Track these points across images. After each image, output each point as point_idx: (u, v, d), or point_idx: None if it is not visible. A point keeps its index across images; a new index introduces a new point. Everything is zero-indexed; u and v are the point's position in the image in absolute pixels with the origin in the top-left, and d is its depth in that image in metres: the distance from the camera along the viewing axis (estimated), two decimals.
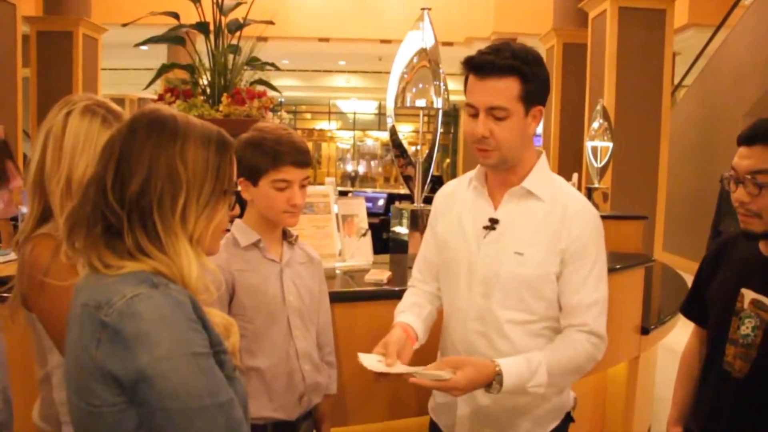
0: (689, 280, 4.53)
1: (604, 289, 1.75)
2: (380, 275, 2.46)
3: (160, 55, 10.47)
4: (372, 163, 22.29)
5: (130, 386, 1.03)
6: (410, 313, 1.86)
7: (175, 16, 4.07)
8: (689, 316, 1.99)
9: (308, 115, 22.83)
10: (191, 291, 1.13)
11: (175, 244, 1.12)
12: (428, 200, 2.99)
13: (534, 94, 1.68)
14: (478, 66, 1.67)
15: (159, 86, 4.59)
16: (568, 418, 1.89)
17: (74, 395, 1.10)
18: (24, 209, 1.70)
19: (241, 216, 1.90)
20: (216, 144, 1.17)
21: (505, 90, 1.65)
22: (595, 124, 5.14)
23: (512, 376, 1.59)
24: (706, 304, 1.86)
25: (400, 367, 1.63)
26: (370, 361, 1.64)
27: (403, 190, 8.61)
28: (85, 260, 1.14)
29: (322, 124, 22.46)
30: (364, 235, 2.69)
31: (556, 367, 1.66)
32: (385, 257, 2.91)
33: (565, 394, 1.85)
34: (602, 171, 5.16)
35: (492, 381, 1.59)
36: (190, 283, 1.13)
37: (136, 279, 1.08)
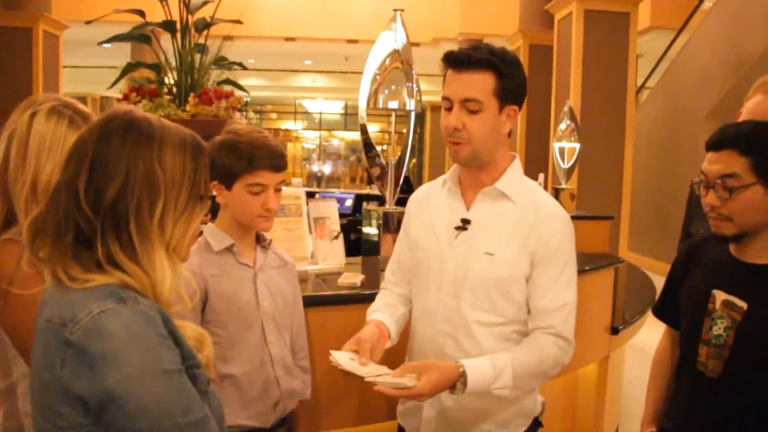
0: (655, 279, 4.62)
1: (573, 293, 1.76)
2: (354, 278, 2.44)
3: (123, 53, 10.31)
4: (338, 163, 22.25)
5: (98, 407, 0.98)
6: (383, 313, 1.86)
7: (141, 14, 4.00)
8: (661, 317, 2.01)
9: (274, 115, 22.71)
10: (162, 304, 1.09)
11: (150, 254, 1.07)
12: (399, 201, 2.98)
13: (509, 92, 1.70)
14: (455, 60, 1.70)
15: (123, 85, 4.50)
16: (537, 423, 1.89)
17: (39, 415, 1.05)
18: None
19: (213, 219, 1.87)
20: (192, 148, 1.14)
21: (480, 83, 1.68)
22: (562, 125, 5.17)
23: (476, 377, 1.60)
24: (678, 306, 1.88)
25: (371, 367, 1.62)
26: (342, 358, 1.63)
27: (371, 191, 8.60)
28: (49, 271, 1.08)
29: (287, 124, 22.35)
30: (336, 237, 2.67)
31: (522, 369, 1.66)
32: (357, 259, 2.89)
33: (532, 398, 1.85)
34: (569, 172, 5.19)
35: (456, 382, 1.59)
36: (161, 296, 1.08)
37: (102, 293, 1.03)
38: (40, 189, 1.47)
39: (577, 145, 5.11)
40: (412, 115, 2.83)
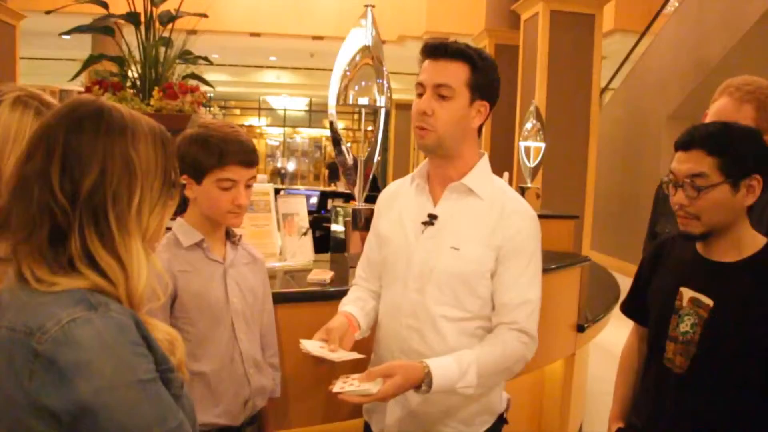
0: (617, 278, 4.69)
1: (537, 290, 1.78)
2: (323, 275, 2.42)
3: (83, 45, 10.09)
4: (302, 160, 22.13)
5: (70, 421, 0.93)
6: (353, 306, 1.87)
7: (104, 5, 3.91)
8: (629, 314, 2.03)
9: (237, 111, 22.49)
10: (137, 299, 1.04)
11: (128, 244, 1.03)
12: (366, 199, 2.97)
13: (481, 86, 1.73)
14: (433, 48, 1.74)
15: (84, 78, 4.40)
16: (501, 420, 1.90)
17: (4, 428, 0.99)
18: None
19: (182, 214, 1.84)
20: (161, 137, 1.11)
21: (454, 71, 1.71)
22: (528, 125, 5.22)
23: (441, 377, 1.61)
24: (646, 303, 1.90)
25: (340, 353, 1.64)
26: (312, 346, 1.65)
27: (336, 189, 8.57)
28: (13, 269, 1.02)
29: (251, 120, 22.15)
30: (305, 234, 2.65)
31: (486, 367, 1.67)
32: (326, 256, 2.87)
33: (496, 395, 1.87)
34: (534, 171, 5.25)
35: (421, 383, 1.60)
36: (137, 289, 1.04)
37: (72, 299, 0.97)
38: (4, 181, 1.42)
39: (543, 145, 5.16)
40: (382, 111, 2.82)
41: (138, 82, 3.87)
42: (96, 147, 1.02)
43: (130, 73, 3.90)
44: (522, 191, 4.99)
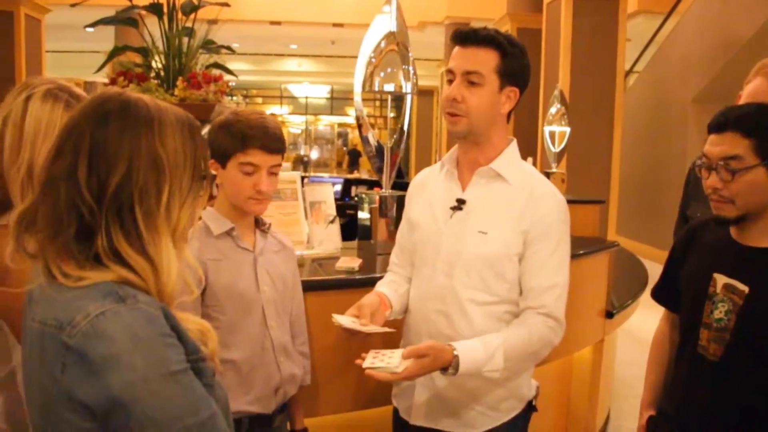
0: (645, 263, 4.65)
1: (564, 274, 1.77)
2: (352, 263, 2.42)
3: (106, 37, 10.15)
4: (325, 147, 22.16)
5: (102, 413, 0.93)
6: (387, 287, 1.92)
7: None
8: (660, 300, 2.01)
9: (259, 100, 22.57)
10: (167, 294, 1.04)
11: (157, 241, 1.02)
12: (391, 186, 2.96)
13: (511, 73, 1.75)
14: (463, 35, 1.76)
15: (109, 70, 4.43)
16: (530, 408, 1.90)
17: (39, 418, 1.01)
18: None
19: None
20: (188, 126, 1.09)
21: (483, 58, 1.73)
22: (553, 109, 5.16)
23: (467, 361, 1.62)
24: (678, 289, 1.88)
25: (371, 327, 1.68)
26: (344, 320, 1.69)
27: (360, 176, 8.58)
28: (41, 266, 1.02)
29: (273, 109, 22.21)
30: (332, 221, 2.65)
31: (513, 351, 1.68)
32: (353, 244, 2.88)
33: (524, 381, 1.86)
34: (559, 156, 5.20)
35: (448, 365, 1.61)
36: (167, 285, 1.03)
37: (100, 293, 0.97)
38: (36, 174, 1.44)
39: (568, 129, 5.11)
40: (408, 98, 2.80)
41: (162, 73, 3.89)
42: (122, 143, 1.01)
43: (154, 64, 3.92)
44: (547, 176, 4.93)
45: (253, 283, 1.81)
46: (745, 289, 1.64)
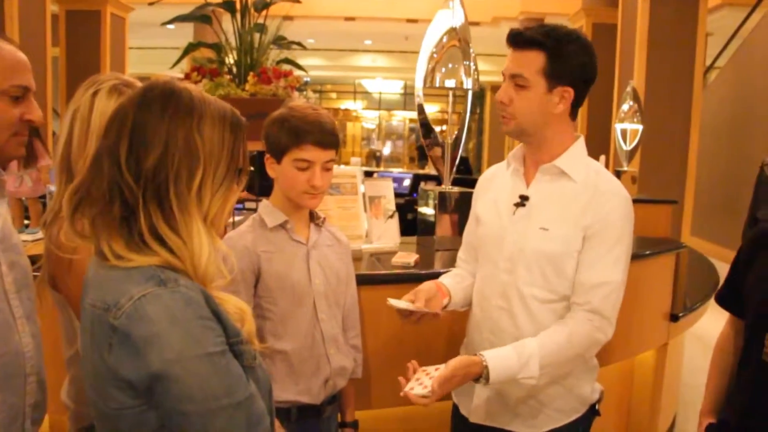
0: (719, 266, 4.48)
1: (620, 273, 1.73)
2: (408, 258, 2.43)
3: (186, 33, 10.46)
4: (397, 143, 22.21)
5: (145, 390, 1.01)
6: (449, 279, 1.95)
7: None
8: (724, 305, 1.94)
9: (333, 95, 22.78)
10: (200, 276, 1.09)
11: (189, 223, 1.08)
12: (456, 182, 2.96)
13: (560, 73, 1.71)
14: (511, 37, 1.76)
15: (185, 65, 4.58)
16: (593, 411, 1.87)
17: (94, 394, 1.08)
18: (52, 188, 1.69)
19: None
20: (231, 121, 1.14)
21: (528, 61, 1.71)
22: (625, 106, 5.04)
23: (498, 370, 1.61)
24: (743, 294, 1.81)
25: (423, 308, 1.74)
26: (398, 303, 1.74)
27: (429, 171, 8.55)
28: (94, 245, 1.09)
29: (347, 104, 22.40)
30: (392, 216, 2.67)
31: (551, 357, 1.65)
32: (412, 239, 2.89)
33: (586, 383, 1.84)
34: (631, 154, 5.07)
35: (479, 376, 1.61)
36: (199, 267, 1.08)
37: (143, 276, 1.04)
38: None
39: (640, 127, 4.98)
40: (470, 94, 2.79)
41: (234, 68, 3.99)
42: (160, 127, 1.07)
43: (226, 60, 4.03)
44: (618, 175, 4.82)
45: (305, 275, 1.84)
46: None
